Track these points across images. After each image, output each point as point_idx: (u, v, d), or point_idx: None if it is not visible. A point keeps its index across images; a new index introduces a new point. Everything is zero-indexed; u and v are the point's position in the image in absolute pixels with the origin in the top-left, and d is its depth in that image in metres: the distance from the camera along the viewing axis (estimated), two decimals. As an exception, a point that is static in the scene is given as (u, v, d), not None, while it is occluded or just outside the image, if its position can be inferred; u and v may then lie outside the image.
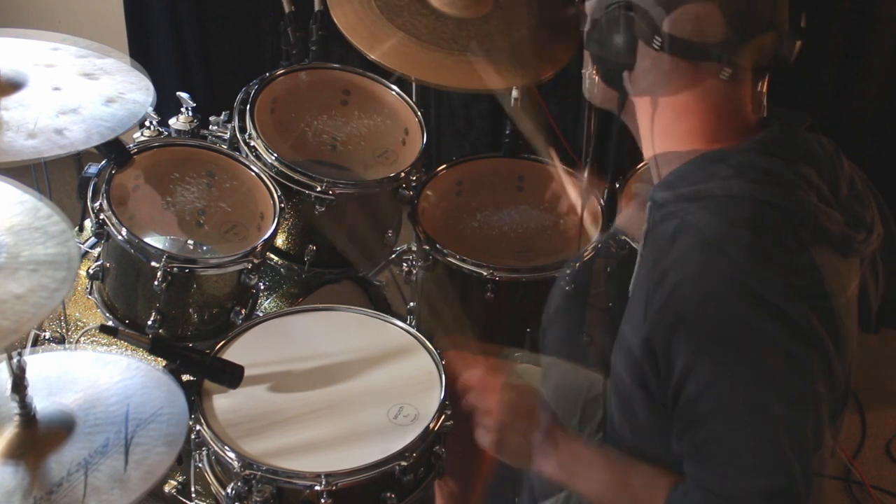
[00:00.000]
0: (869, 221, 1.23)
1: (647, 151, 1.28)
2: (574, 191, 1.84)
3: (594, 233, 1.94)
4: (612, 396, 1.30)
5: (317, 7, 2.34)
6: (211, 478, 1.58)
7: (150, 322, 1.77)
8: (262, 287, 2.01)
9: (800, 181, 1.17)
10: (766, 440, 1.10)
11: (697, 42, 1.16)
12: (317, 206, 1.96)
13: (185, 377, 1.58)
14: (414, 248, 2.12)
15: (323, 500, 1.45)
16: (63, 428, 1.29)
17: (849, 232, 1.19)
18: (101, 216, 1.76)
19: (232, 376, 1.58)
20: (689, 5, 1.15)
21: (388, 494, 1.51)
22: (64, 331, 2.03)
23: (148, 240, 1.78)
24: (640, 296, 1.17)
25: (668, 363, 1.13)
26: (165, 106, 2.15)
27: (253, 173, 1.93)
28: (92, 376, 1.38)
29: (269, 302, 2.09)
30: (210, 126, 2.19)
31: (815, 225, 1.15)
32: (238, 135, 2.02)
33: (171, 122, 2.16)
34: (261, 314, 1.94)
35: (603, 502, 1.29)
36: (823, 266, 1.15)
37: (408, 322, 1.95)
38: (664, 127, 1.24)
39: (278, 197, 1.89)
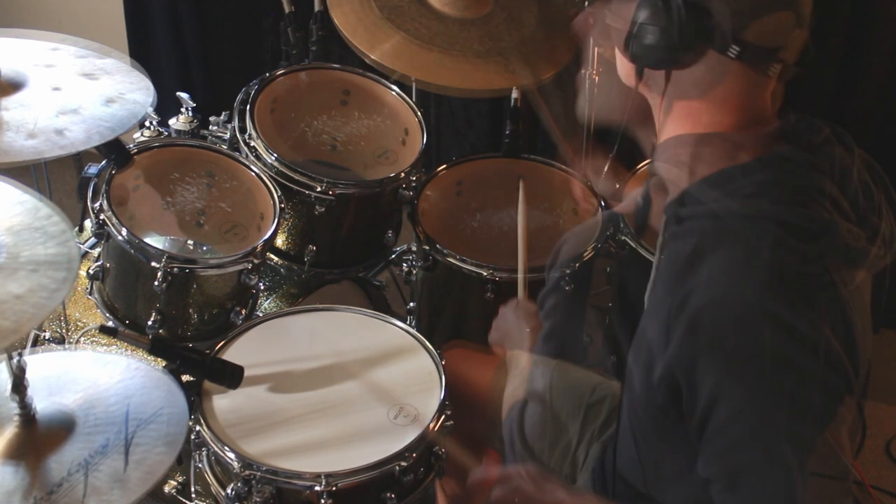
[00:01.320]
0: (887, 236, 1.21)
1: (665, 135, 1.25)
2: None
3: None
4: (626, 410, 1.29)
5: (317, 7, 2.34)
6: (211, 478, 1.58)
7: (150, 322, 1.77)
8: (262, 287, 2.01)
9: (822, 198, 1.15)
10: (801, 468, 1.09)
11: (772, 48, 1.15)
12: (317, 207, 1.96)
13: (185, 377, 1.58)
14: (414, 248, 2.12)
15: (323, 501, 1.45)
16: (63, 428, 1.29)
17: (868, 247, 1.17)
18: (101, 216, 1.76)
19: (232, 376, 1.58)
20: (775, 14, 1.13)
21: (388, 495, 1.51)
22: (64, 331, 2.03)
23: (148, 240, 1.78)
24: (661, 316, 1.15)
25: (693, 390, 1.12)
26: (165, 106, 2.15)
27: (253, 173, 1.93)
28: (92, 376, 1.38)
29: (269, 302, 2.09)
30: (210, 126, 2.20)
31: (839, 244, 1.14)
32: (238, 135, 2.02)
33: (171, 122, 2.16)
34: (261, 314, 1.94)
35: None
36: (845, 285, 1.14)
37: (408, 322, 1.95)
38: (685, 115, 1.22)
39: (278, 197, 1.89)
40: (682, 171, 1.22)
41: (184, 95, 2.14)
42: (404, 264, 2.09)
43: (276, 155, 1.96)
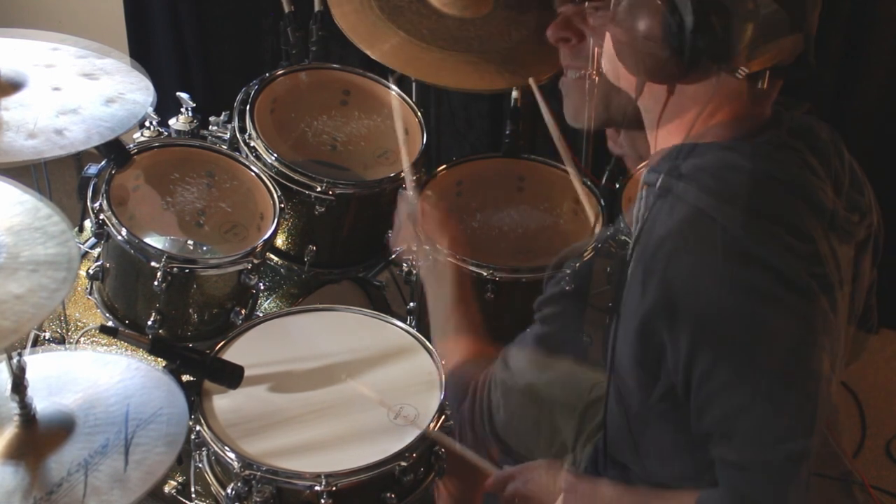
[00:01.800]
0: (864, 207, 1.24)
1: (660, 144, 1.27)
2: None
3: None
4: (612, 387, 1.29)
5: (317, 7, 2.34)
6: (211, 478, 1.58)
7: (150, 322, 1.77)
8: (262, 287, 2.01)
9: (803, 166, 1.17)
10: (788, 403, 1.10)
11: (778, 68, 1.16)
12: (317, 207, 1.96)
13: (185, 377, 1.58)
14: (414, 248, 2.12)
15: (323, 501, 1.45)
16: (63, 428, 1.29)
17: (846, 214, 1.19)
18: (101, 216, 1.76)
19: (232, 376, 1.58)
20: (787, 38, 1.13)
21: (388, 495, 1.51)
22: (64, 331, 2.03)
23: (148, 240, 1.78)
24: (638, 273, 1.17)
25: (675, 341, 1.12)
26: (165, 106, 2.15)
27: (253, 173, 1.93)
28: (92, 376, 1.38)
29: (269, 302, 2.09)
30: (210, 126, 2.19)
31: (815, 200, 1.15)
32: (238, 135, 2.02)
33: (171, 122, 2.16)
34: (261, 314, 1.94)
35: None
36: (820, 240, 1.15)
37: (408, 322, 1.95)
38: (683, 126, 1.23)
39: (278, 197, 1.89)
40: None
41: (184, 95, 2.14)
42: (404, 264, 2.09)
43: (276, 155, 1.96)
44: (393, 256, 1.96)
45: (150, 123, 2.14)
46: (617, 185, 2.02)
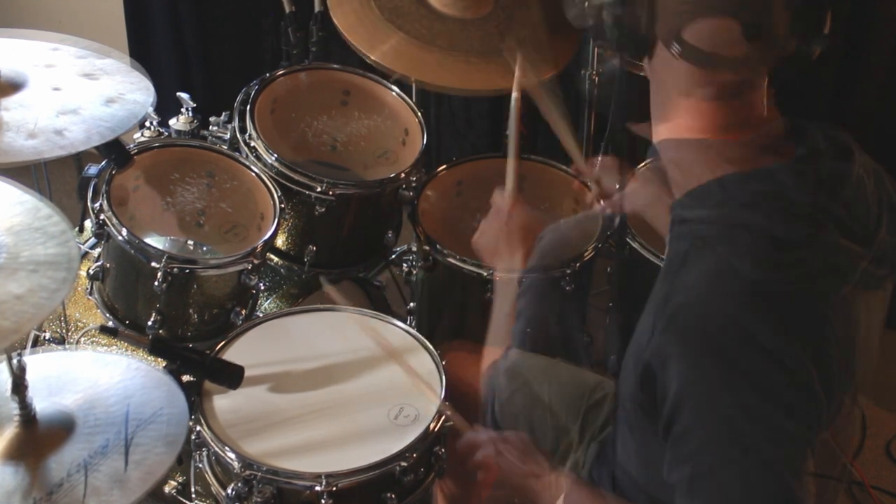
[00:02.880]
0: (889, 251, 1.19)
1: (656, 136, 1.27)
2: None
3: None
4: (620, 404, 1.30)
5: (317, 7, 2.34)
6: (211, 478, 1.58)
7: (150, 322, 1.77)
8: (262, 287, 2.01)
9: (823, 217, 1.14)
10: (756, 477, 1.08)
11: (713, 53, 1.15)
12: (317, 207, 1.96)
13: (186, 377, 1.58)
14: (414, 249, 2.12)
15: (323, 501, 1.45)
16: (63, 428, 1.29)
17: (872, 270, 1.16)
18: (101, 216, 1.76)
19: (232, 377, 1.58)
20: (709, 19, 1.14)
21: (389, 495, 1.51)
22: (64, 331, 2.03)
23: (148, 240, 1.78)
24: (650, 311, 1.17)
25: (664, 389, 1.13)
26: (165, 106, 2.15)
27: (253, 174, 1.93)
28: (92, 377, 1.38)
29: (269, 302, 2.09)
30: (210, 126, 2.19)
31: (833, 264, 1.13)
32: (238, 135, 2.02)
33: (171, 122, 2.16)
34: (261, 314, 1.94)
35: None
36: (826, 299, 1.13)
37: (408, 322, 1.95)
38: (671, 117, 1.23)
39: (278, 197, 1.89)
40: (676, 174, 1.24)
41: (184, 95, 2.14)
42: (404, 264, 2.09)
43: (276, 155, 1.96)
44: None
45: (150, 123, 2.14)
46: (617, 186, 2.02)
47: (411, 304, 2.09)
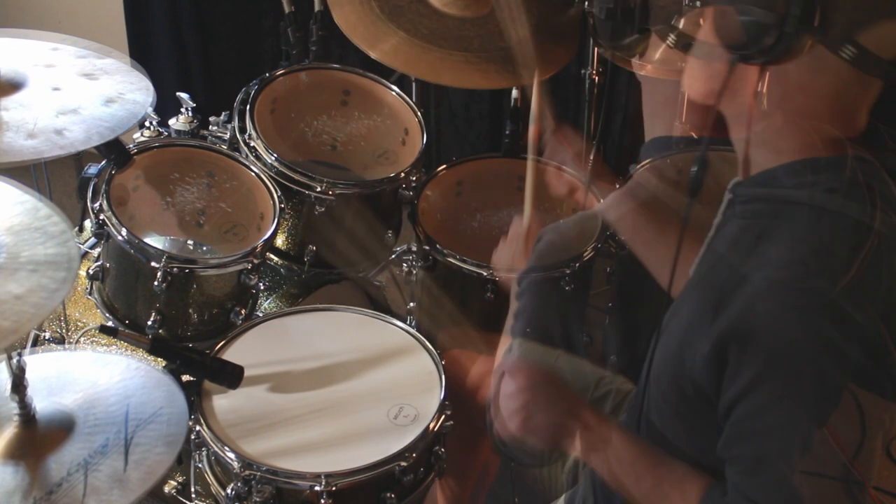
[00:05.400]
0: None
1: (742, 132, 1.19)
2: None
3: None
4: (654, 386, 1.27)
5: (317, 7, 2.34)
6: (211, 478, 1.58)
7: (149, 322, 1.77)
8: (262, 287, 2.01)
9: None
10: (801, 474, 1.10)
11: (886, 59, 1.09)
12: (317, 207, 1.96)
13: (185, 377, 1.58)
14: (414, 248, 2.12)
15: (323, 501, 1.45)
16: (63, 428, 1.29)
17: None
18: (101, 216, 1.76)
19: (232, 377, 1.58)
20: (888, 22, 1.06)
21: (388, 495, 1.51)
22: (64, 331, 2.03)
23: (148, 240, 1.78)
24: (710, 292, 1.14)
25: (736, 371, 1.11)
26: (165, 106, 2.15)
27: (253, 173, 1.93)
28: (92, 376, 1.38)
29: (269, 302, 2.09)
30: (210, 126, 2.20)
31: None
32: (238, 135, 2.02)
33: (171, 122, 2.16)
34: (261, 314, 1.94)
35: (630, 491, 1.26)
36: None
37: (408, 322, 1.95)
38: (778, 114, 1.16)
39: (278, 197, 1.89)
40: (763, 150, 1.18)
41: (184, 95, 2.14)
42: (404, 264, 2.09)
43: (275, 155, 1.96)
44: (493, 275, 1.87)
45: (150, 123, 2.14)
46: (618, 186, 2.02)
47: (411, 304, 2.09)
